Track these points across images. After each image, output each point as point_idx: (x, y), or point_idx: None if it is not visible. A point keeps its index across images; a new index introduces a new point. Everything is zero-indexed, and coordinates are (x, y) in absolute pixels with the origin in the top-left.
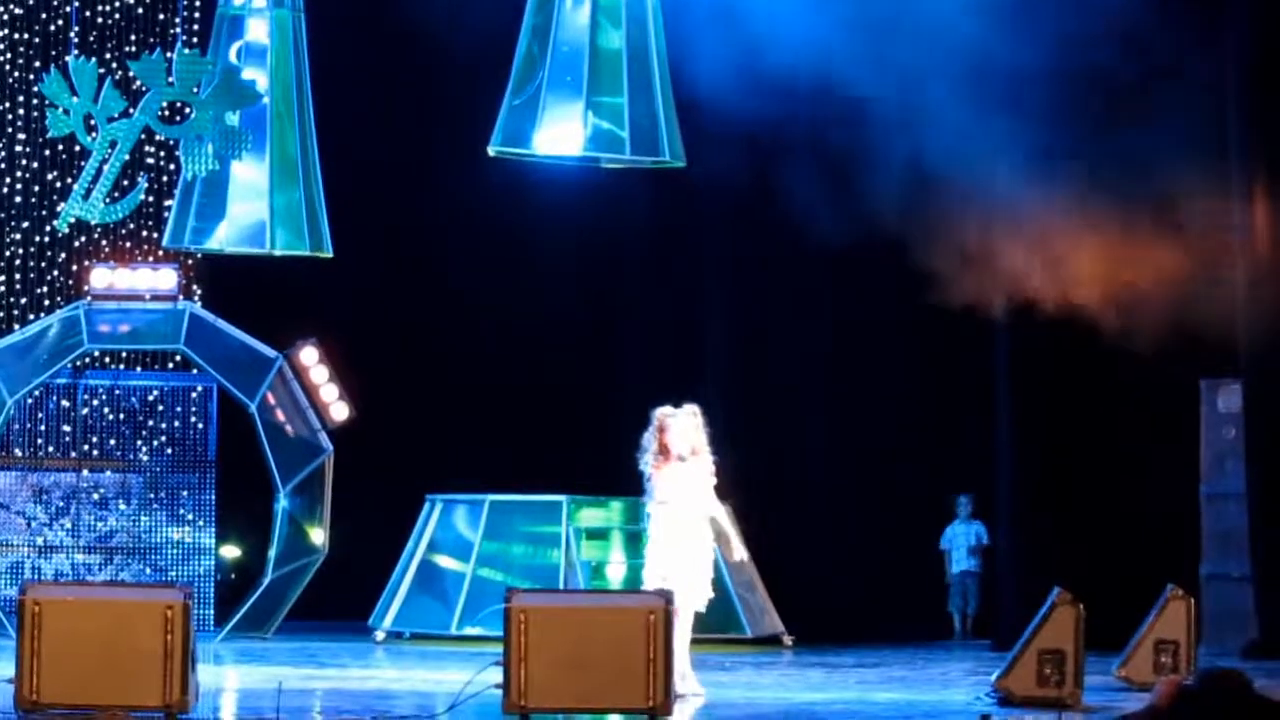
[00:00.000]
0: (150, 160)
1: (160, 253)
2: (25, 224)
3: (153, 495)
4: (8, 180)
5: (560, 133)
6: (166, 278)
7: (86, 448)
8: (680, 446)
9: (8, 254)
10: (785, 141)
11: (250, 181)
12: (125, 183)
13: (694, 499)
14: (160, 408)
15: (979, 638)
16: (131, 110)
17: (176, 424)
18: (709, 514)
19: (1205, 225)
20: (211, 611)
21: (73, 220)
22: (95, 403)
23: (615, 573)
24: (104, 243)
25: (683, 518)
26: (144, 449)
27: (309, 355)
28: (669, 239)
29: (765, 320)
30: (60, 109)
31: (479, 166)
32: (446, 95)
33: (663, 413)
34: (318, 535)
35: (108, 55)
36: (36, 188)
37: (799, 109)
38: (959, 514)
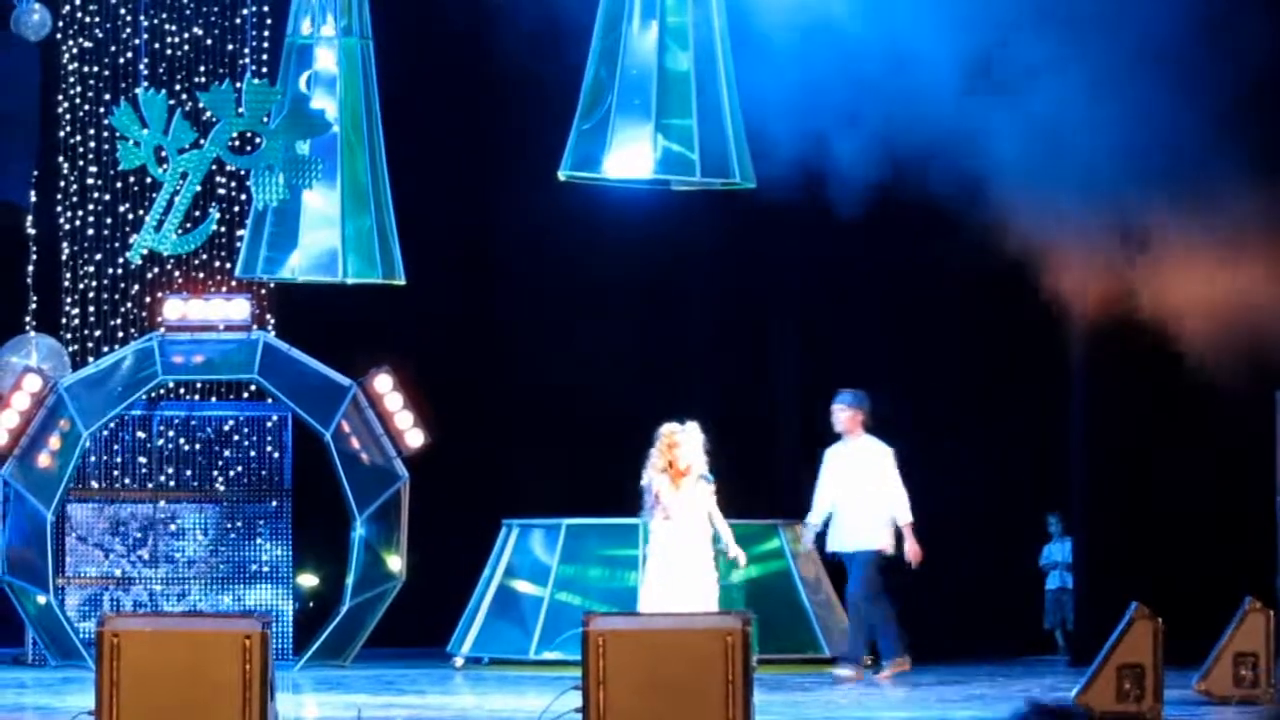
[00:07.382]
0: (221, 191)
1: (233, 283)
2: (98, 256)
3: (229, 525)
4: (80, 213)
5: (630, 156)
6: (239, 308)
7: (163, 479)
8: (691, 463)
9: (81, 287)
10: (857, 159)
11: (321, 210)
12: (197, 214)
13: (697, 515)
14: (235, 438)
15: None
16: (202, 141)
17: (252, 454)
18: (718, 528)
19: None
20: (290, 640)
21: (145, 252)
22: (170, 434)
23: None
24: (176, 274)
25: (687, 534)
26: (220, 479)
27: (383, 383)
28: (741, 261)
29: (837, 341)
30: (130, 141)
31: (549, 191)
32: (515, 120)
33: (671, 429)
34: (395, 562)
35: (177, 87)
36: (109, 220)
37: (873, 124)
38: (1051, 532)
